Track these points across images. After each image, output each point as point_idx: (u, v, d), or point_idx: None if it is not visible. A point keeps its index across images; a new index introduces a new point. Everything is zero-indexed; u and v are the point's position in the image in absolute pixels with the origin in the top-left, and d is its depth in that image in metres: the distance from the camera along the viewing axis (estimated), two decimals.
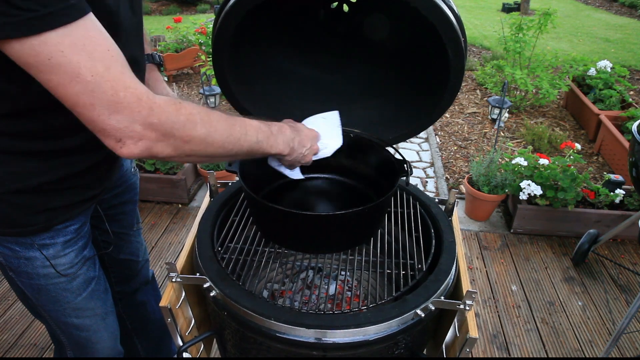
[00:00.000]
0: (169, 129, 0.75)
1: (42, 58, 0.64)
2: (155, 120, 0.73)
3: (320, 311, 0.95)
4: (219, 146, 0.84)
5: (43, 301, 1.05)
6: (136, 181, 1.31)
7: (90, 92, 0.67)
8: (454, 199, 1.26)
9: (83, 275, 1.06)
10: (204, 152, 0.83)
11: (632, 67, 5.37)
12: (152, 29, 6.63)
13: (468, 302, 0.95)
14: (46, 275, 1.00)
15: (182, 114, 0.77)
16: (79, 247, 1.04)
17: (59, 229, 0.98)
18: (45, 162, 0.89)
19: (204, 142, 0.81)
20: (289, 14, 1.22)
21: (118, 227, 1.28)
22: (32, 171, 0.88)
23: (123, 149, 0.73)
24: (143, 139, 0.73)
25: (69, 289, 1.05)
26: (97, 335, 1.16)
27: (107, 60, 0.69)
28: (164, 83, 1.22)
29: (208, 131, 0.81)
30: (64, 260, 1.01)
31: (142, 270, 1.43)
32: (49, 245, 0.97)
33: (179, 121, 0.77)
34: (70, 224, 1.00)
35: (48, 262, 0.98)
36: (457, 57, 0.98)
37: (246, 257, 1.10)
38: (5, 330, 2.06)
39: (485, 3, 9.16)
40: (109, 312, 1.18)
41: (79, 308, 1.09)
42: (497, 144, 3.11)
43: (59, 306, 1.06)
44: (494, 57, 5.29)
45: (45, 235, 0.96)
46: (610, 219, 2.60)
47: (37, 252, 0.97)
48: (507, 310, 2.23)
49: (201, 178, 3.16)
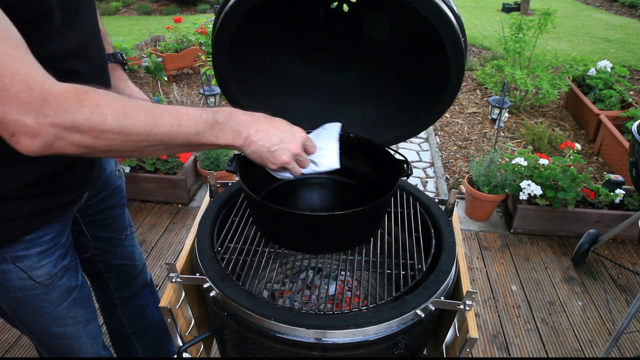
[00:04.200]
0: (70, 123, 0.65)
1: None
2: (51, 113, 0.64)
3: (320, 311, 0.95)
4: (142, 139, 0.73)
5: (22, 313, 1.01)
6: (122, 184, 1.27)
7: None
8: (454, 199, 1.26)
9: (64, 285, 1.02)
10: (123, 146, 0.72)
11: (632, 67, 5.37)
12: (152, 29, 6.63)
13: (468, 302, 0.95)
14: (23, 288, 0.95)
15: (86, 106, 0.67)
16: (56, 258, 0.98)
17: (31, 240, 0.92)
18: (12, 166, 0.83)
19: (119, 135, 0.70)
20: (288, 14, 1.22)
21: (108, 232, 1.24)
22: (3, 175, 0.83)
23: (19, 145, 0.64)
24: (39, 135, 0.64)
25: (49, 300, 1.00)
26: (79, 343, 1.13)
27: None
28: (128, 81, 1.14)
29: (122, 124, 0.70)
30: (40, 271, 0.95)
31: (140, 273, 1.42)
32: (22, 257, 0.92)
33: (81, 114, 0.66)
34: (44, 233, 0.94)
35: (24, 274, 0.93)
36: (457, 57, 0.98)
37: (246, 257, 1.10)
38: (5, 330, 2.06)
39: (485, 3, 9.16)
40: (91, 319, 1.14)
41: (60, 317, 1.05)
42: (497, 144, 3.12)
43: (38, 317, 1.02)
44: (494, 57, 5.30)
45: (17, 247, 0.90)
46: (610, 219, 2.60)
47: (11, 265, 0.91)
48: (507, 310, 2.23)
49: (201, 178, 3.16)
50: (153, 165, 2.86)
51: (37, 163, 0.85)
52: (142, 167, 2.88)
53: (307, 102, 1.31)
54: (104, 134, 0.69)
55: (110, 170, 1.22)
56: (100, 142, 0.69)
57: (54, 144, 0.66)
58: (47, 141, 0.65)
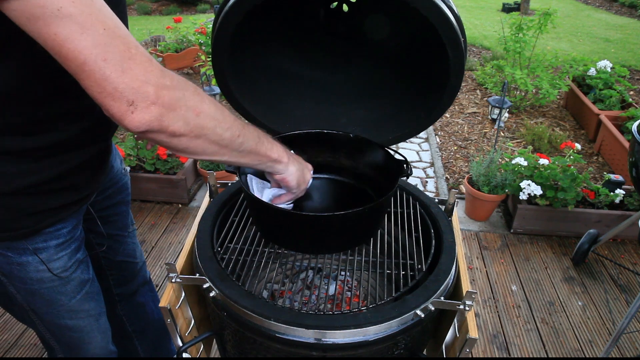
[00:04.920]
0: (180, 96, 0.70)
1: (50, 9, 0.59)
2: (168, 83, 0.68)
3: (320, 311, 0.95)
4: (227, 127, 0.78)
5: (36, 305, 1.04)
6: (127, 181, 1.29)
7: (103, 45, 0.62)
8: (454, 199, 1.26)
9: (77, 278, 1.05)
10: (213, 132, 0.76)
11: (632, 67, 5.37)
12: (152, 29, 6.63)
13: (468, 303, 0.95)
14: (40, 280, 0.99)
15: (190, 85, 0.73)
16: (72, 250, 1.02)
17: (51, 232, 0.96)
18: (33, 162, 0.87)
19: (213, 118, 0.76)
20: (288, 14, 1.22)
21: (112, 228, 1.27)
22: (19, 172, 0.86)
23: (134, 114, 0.66)
24: (156, 103, 0.66)
25: (64, 292, 1.04)
26: (90, 336, 1.15)
27: (114, 17, 0.65)
28: None
29: (215, 109, 0.76)
30: (57, 264, 0.99)
31: (140, 271, 1.43)
32: (41, 249, 0.95)
33: (188, 89, 0.72)
34: (62, 226, 0.98)
35: (42, 265, 0.96)
36: (457, 57, 0.98)
37: (246, 257, 1.10)
38: (5, 330, 2.06)
39: (485, 3, 9.16)
40: (102, 313, 1.17)
41: (73, 310, 1.08)
42: (497, 144, 3.12)
43: (52, 309, 1.05)
44: (494, 57, 5.30)
45: (37, 239, 0.94)
46: (610, 219, 2.60)
47: (30, 257, 0.95)
48: (507, 310, 2.23)
49: (201, 178, 3.16)
50: (153, 165, 2.86)
51: (55, 160, 0.89)
52: (142, 167, 2.88)
53: (306, 102, 1.31)
54: (202, 112, 0.74)
55: (117, 168, 1.24)
56: (199, 122, 0.73)
57: (164, 116, 0.68)
58: (160, 112, 0.68)
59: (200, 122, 0.73)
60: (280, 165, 0.94)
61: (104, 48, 0.62)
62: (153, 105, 0.66)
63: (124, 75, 0.64)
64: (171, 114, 0.69)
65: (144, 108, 0.66)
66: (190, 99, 0.72)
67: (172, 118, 0.69)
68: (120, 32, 0.65)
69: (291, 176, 0.98)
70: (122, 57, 0.64)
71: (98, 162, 1.03)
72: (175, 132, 0.71)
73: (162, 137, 0.71)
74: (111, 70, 0.63)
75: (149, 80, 0.66)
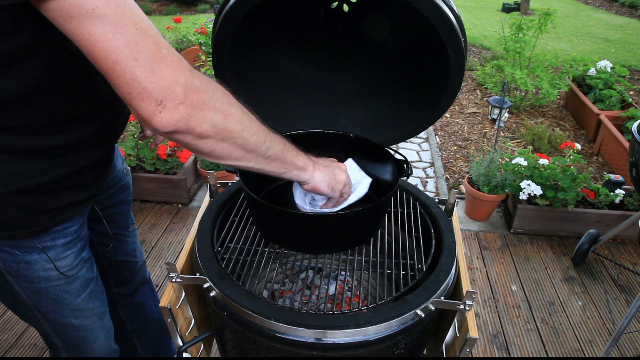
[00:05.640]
0: (209, 97, 0.70)
1: (86, 8, 0.60)
2: (197, 84, 0.68)
3: (320, 311, 0.95)
4: (253, 132, 0.78)
5: (42, 303, 1.05)
6: (129, 181, 1.30)
7: (134, 45, 0.63)
8: (454, 199, 1.26)
9: (83, 276, 1.06)
10: (240, 136, 0.76)
11: (632, 67, 5.37)
12: None
13: (468, 302, 0.95)
14: (47, 278, 0.99)
15: (218, 87, 0.72)
16: (78, 249, 1.03)
17: (59, 231, 0.97)
18: (46, 161, 0.88)
19: (240, 122, 0.75)
20: (289, 14, 1.22)
21: (114, 228, 1.27)
22: (33, 170, 0.87)
23: (162, 114, 0.65)
24: (184, 103, 0.66)
25: (69, 291, 1.05)
26: (94, 335, 1.16)
27: (146, 17, 0.66)
28: None
29: (242, 113, 0.76)
30: (64, 262, 1.00)
31: (140, 271, 1.43)
32: (49, 247, 0.96)
33: (217, 91, 0.72)
34: (70, 225, 0.99)
35: (50, 264, 0.97)
36: (457, 57, 0.98)
37: (246, 257, 1.10)
38: (5, 330, 2.06)
39: (485, 3, 9.16)
40: (105, 312, 1.18)
41: (79, 309, 1.09)
42: (497, 144, 3.12)
43: (58, 307, 1.06)
44: (494, 57, 5.29)
45: (46, 237, 0.95)
46: (610, 219, 2.60)
47: (37, 256, 0.96)
48: (507, 310, 2.23)
49: (201, 178, 3.16)
50: (153, 165, 2.86)
51: (66, 160, 0.90)
52: (142, 167, 2.88)
53: (307, 102, 1.31)
54: (230, 115, 0.73)
55: (119, 168, 1.24)
56: (227, 124, 0.73)
57: (191, 117, 0.68)
58: (188, 112, 0.67)
59: (227, 124, 0.73)
60: (305, 173, 0.93)
61: (136, 48, 0.63)
62: (181, 105, 0.66)
63: (153, 75, 0.64)
64: (199, 114, 0.69)
65: (172, 108, 0.66)
66: (218, 101, 0.71)
67: (199, 119, 0.69)
68: (152, 32, 0.65)
69: (320, 183, 0.95)
70: (153, 57, 0.64)
71: (104, 162, 1.04)
72: (201, 134, 0.71)
73: (188, 139, 0.71)
74: (141, 70, 0.63)
75: (178, 80, 0.66)
